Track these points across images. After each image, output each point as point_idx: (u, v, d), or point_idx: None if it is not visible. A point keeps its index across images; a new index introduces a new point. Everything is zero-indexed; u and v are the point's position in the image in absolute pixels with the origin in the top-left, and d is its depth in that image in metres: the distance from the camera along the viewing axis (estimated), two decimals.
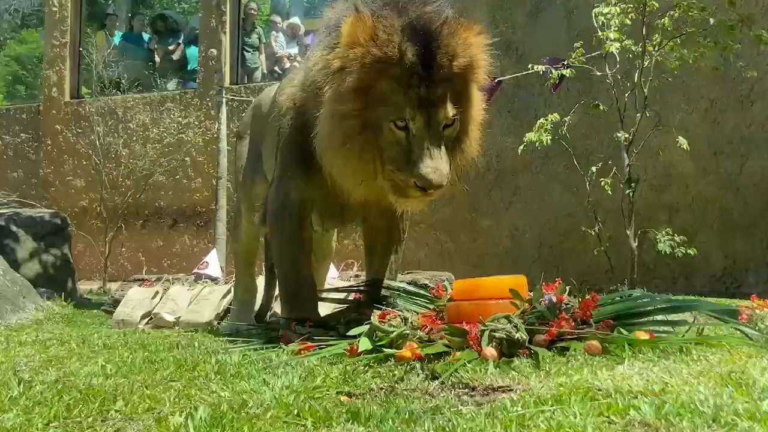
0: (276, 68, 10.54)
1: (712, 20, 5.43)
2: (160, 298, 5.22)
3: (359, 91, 3.07)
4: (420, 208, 3.34)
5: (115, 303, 5.43)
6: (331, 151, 3.23)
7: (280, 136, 3.78)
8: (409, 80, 3.03)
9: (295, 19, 10.71)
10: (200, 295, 5.16)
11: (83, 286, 8.63)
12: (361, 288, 3.87)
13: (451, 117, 3.11)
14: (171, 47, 11.57)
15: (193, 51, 11.15)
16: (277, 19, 11.06)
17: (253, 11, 10.77)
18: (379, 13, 3.08)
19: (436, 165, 2.99)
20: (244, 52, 10.52)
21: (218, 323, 4.85)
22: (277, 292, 4.64)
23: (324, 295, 3.99)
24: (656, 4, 5.54)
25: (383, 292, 3.70)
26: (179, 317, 4.97)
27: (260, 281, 4.85)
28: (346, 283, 4.86)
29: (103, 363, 2.82)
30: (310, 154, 3.38)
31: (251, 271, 4.84)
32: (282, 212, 3.68)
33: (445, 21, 3.09)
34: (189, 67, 11.29)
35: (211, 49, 9.21)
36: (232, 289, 4.97)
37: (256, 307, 4.72)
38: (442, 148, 3.07)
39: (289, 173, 3.63)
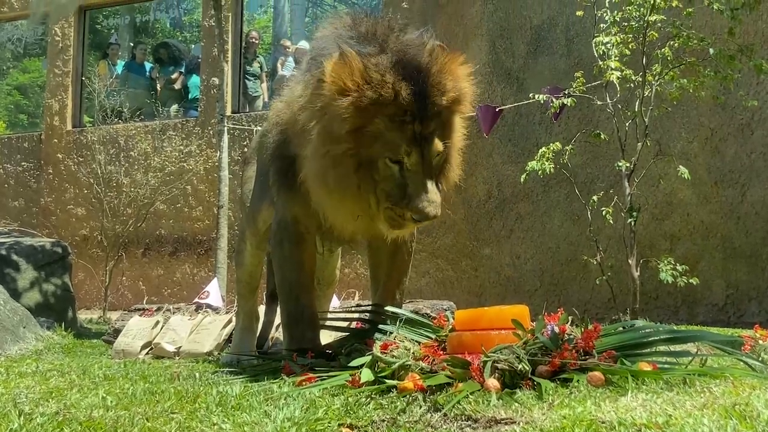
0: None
1: (711, 50, 5.46)
2: (161, 328, 5.19)
3: (353, 132, 3.09)
4: (408, 234, 3.54)
5: (116, 333, 5.40)
6: (326, 191, 3.24)
7: (266, 150, 3.83)
8: (403, 117, 3.07)
9: (303, 44, 10.78)
10: (201, 324, 5.13)
11: (83, 316, 8.62)
12: (363, 317, 3.83)
13: (441, 150, 3.19)
14: (173, 76, 11.66)
15: (194, 79, 11.24)
16: (287, 43, 11.20)
17: (254, 40, 10.87)
18: (363, 52, 3.10)
19: (431, 198, 3.07)
20: (246, 81, 10.60)
21: (219, 353, 4.82)
22: (277, 319, 4.63)
23: (326, 323, 3.94)
24: (656, 34, 5.58)
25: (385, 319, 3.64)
26: (180, 347, 4.94)
27: (262, 309, 4.84)
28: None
29: (104, 395, 2.81)
30: (292, 173, 3.43)
31: (254, 298, 4.78)
32: (279, 231, 3.69)
33: (431, 53, 3.15)
34: (190, 96, 11.37)
35: (213, 78, 9.26)
36: (234, 317, 4.94)
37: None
38: (434, 179, 3.16)
39: (280, 190, 3.67)
